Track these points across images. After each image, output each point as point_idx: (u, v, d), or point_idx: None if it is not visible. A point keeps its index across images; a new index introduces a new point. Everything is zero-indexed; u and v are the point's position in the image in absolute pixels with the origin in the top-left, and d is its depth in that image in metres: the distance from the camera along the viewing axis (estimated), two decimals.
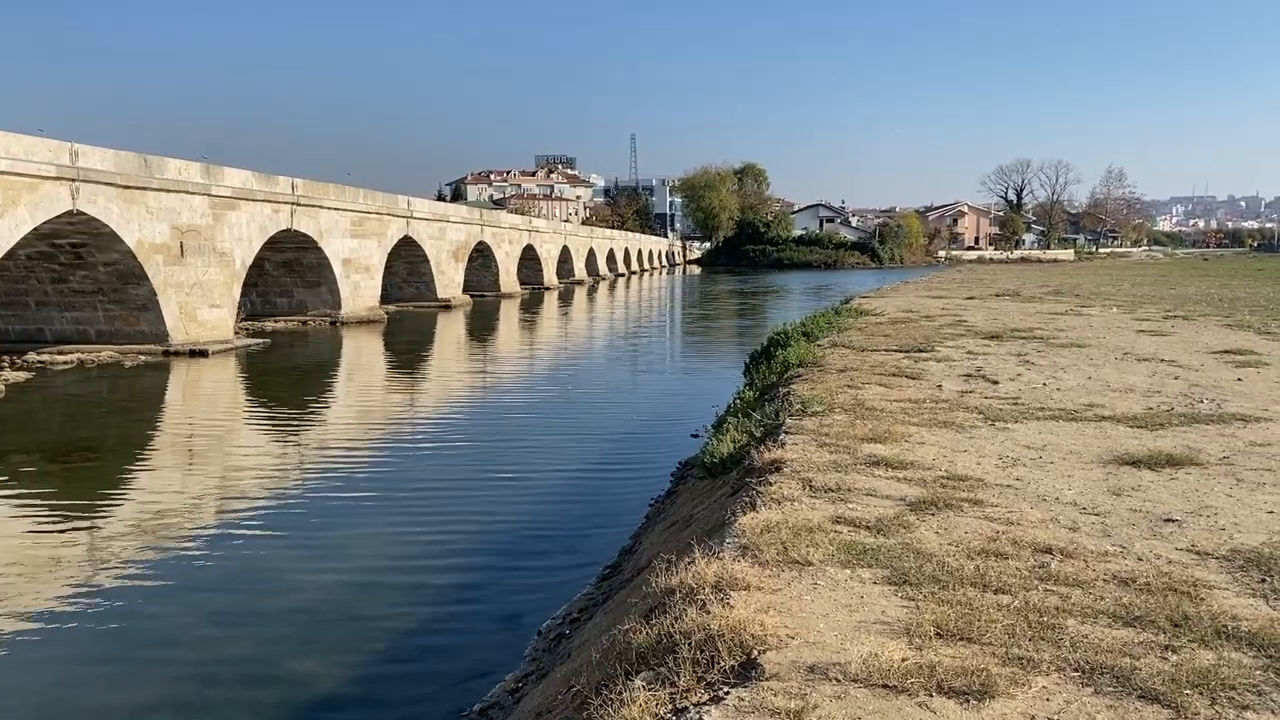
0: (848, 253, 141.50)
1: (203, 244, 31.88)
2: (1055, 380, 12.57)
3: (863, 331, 19.48)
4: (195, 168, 32.16)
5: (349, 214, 42.85)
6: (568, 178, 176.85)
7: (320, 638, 8.77)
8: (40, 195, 25.06)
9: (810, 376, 12.71)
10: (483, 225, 62.46)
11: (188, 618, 9.28)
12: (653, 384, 27.10)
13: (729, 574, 5.02)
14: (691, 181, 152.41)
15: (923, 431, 8.99)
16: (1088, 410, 10.29)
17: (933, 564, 5.33)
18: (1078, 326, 21.08)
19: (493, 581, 10.23)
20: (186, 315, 30.88)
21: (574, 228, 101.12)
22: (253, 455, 17.23)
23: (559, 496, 13.71)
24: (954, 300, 32.12)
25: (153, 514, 13.02)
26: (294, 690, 7.73)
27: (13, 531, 12.43)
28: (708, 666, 4.01)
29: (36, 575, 10.36)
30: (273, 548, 11.46)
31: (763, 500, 6.60)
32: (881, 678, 3.89)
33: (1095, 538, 5.96)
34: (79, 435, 19.07)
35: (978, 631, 4.39)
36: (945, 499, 6.62)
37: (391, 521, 12.39)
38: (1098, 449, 8.43)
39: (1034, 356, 15.23)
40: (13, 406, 21.24)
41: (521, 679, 7.12)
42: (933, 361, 14.44)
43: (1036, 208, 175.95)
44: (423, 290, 52.89)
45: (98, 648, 8.59)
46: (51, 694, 7.70)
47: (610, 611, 6.95)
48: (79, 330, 30.00)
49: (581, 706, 4.18)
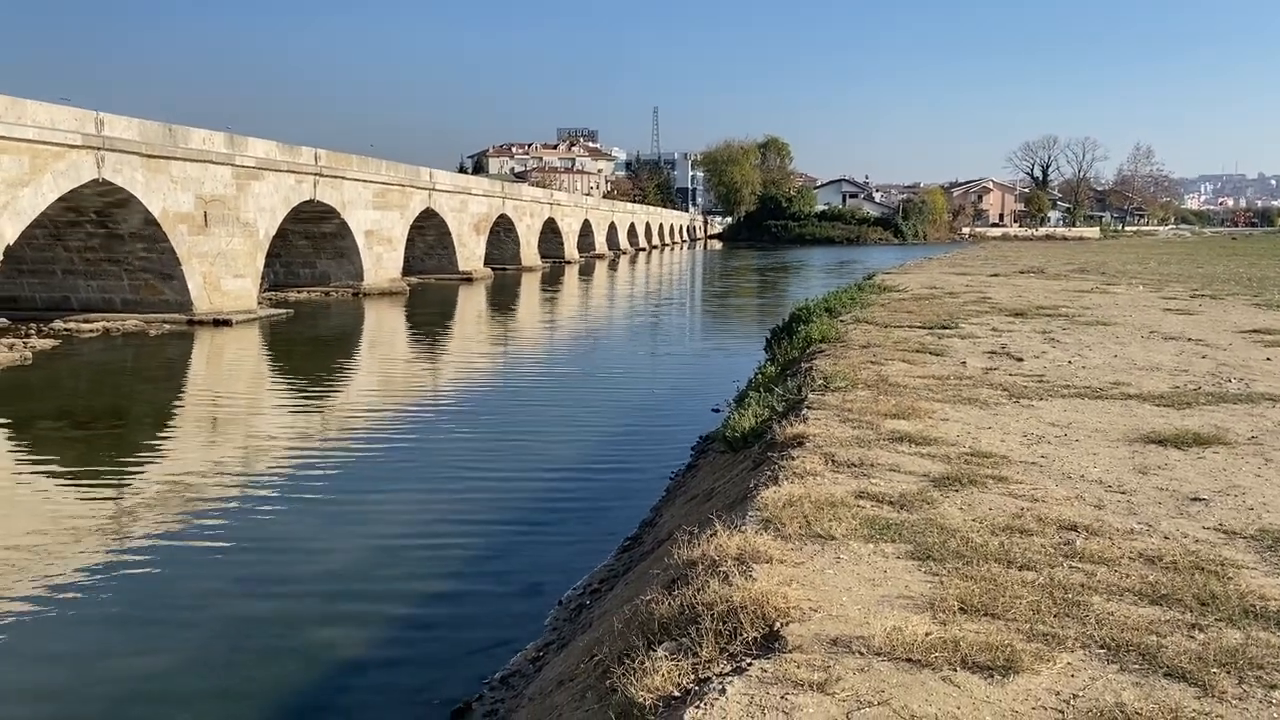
0: (870, 229, 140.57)
1: (226, 214, 31.99)
2: (1081, 358, 12.47)
3: (886, 308, 19.38)
4: (219, 138, 32.23)
5: (372, 186, 42.88)
6: (589, 151, 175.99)
7: (344, 604, 8.85)
8: (66, 164, 25.18)
9: (833, 352, 12.66)
10: (504, 198, 62.38)
11: (213, 583, 9.37)
12: (672, 358, 27.07)
13: (751, 547, 5.02)
14: (714, 155, 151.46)
15: (946, 408, 8.95)
16: (1114, 388, 10.21)
17: (956, 540, 5.31)
18: (1104, 304, 20.89)
19: (513, 551, 10.27)
20: (210, 285, 31.04)
21: (595, 201, 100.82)
22: (276, 424, 17.35)
23: (579, 469, 13.74)
24: (978, 277, 31.88)
25: (177, 481, 13.14)
26: (318, 655, 7.81)
27: (39, 497, 12.58)
28: (730, 638, 4.02)
29: (63, 541, 10.49)
30: (296, 515, 11.54)
31: (785, 474, 6.59)
32: (905, 651, 3.88)
33: (1121, 516, 5.92)
34: (105, 402, 19.25)
35: (1002, 607, 4.38)
36: (969, 475, 6.59)
37: (413, 491, 12.45)
38: (1124, 427, 8.37)
39: (1059, 334, 15.11)
40: (40, 373, 21.45)
41: (543, 648, 7.16)
42: (957, 338, 14.36)
43: (1062, 185, 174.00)
44: (444, 263, 52.94)
45: (124, 613, 8.68)
46: (79, 658, 7.81)
47: (631, 582, 6.97)
48: (104, 299, 30.22)
49: (604, 675, 4.20)
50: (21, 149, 23.66)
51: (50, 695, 7.25)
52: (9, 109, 23.26)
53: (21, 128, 23.55)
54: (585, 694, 4.45)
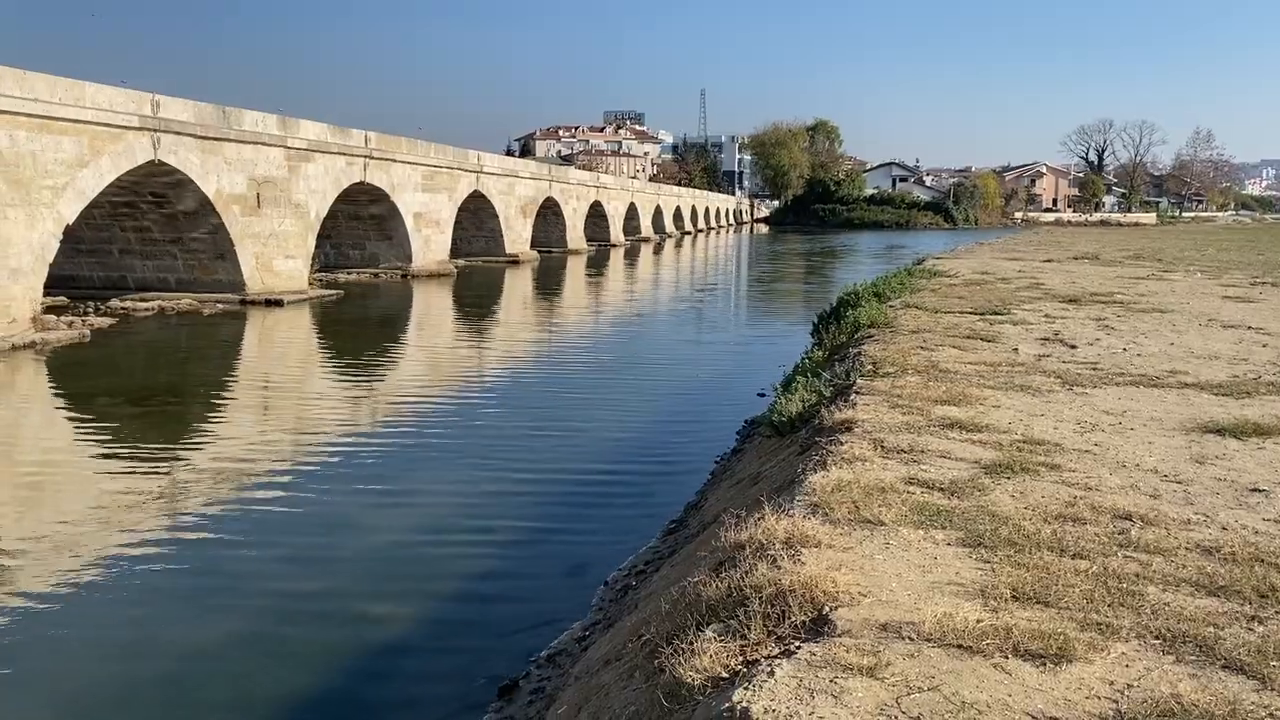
0: (920, 213, 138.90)
1: (278, 195, 32.40)
2: (1136, 346, 12.25)
3: (936, 293, 19.17)
4: (272, 120, 32.60)
5: (420, 168, 43.16)
6: (636, 134, 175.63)
7: (392, 582, 8.97)
8: (123, 145, 25.65)
9: (882, 337, 12.55)
10: (551, 181, 62.50)
11: (264, 558, 9.55)
12: (718, 342, 27.01)
13: (799, 531, 5.00)
14: (761, 139, 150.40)
15: (998, 395, 8.84)
16: (1170, 376, 10.02)
17: (1008, 527, 5.25)
18: (1160, 291, 20.49)
19: (558, 532, 10.33)
20: (262, 265, 31.49)
21: (641, 184, 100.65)
22: (326, 403, 17.59)
23: (624, 451, 13.78)
24: (1031, 263, 31.41)
25: (229, 458, 13.38)
26: (367, 631, 7.93)
27: (96, 472, 12.88)
28: (778, 621, 4.01)
29: (119, 514, 10.74)
30: (345, 493, 11.70)
31: (833, 459, 6.55)
32: (956, 638, 3.85)
33: (1178, 505, 5.82)
34: (160, 380, 19.64)
35: (1055, 596, 4.32)
36: (1021, 463, 6.51)
37: (460, 471, 12.56)
38: (1180, 416, 8.21)
39: (1114, 321, 14.85)
40: (97, 351, 21.92)
41: (589, 627, 7.20)
42: (1008, 324, 14.17)
43: (1118, 169, 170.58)
44: (491, 245, 53.21)
45: (177, 586, 8.87)
46: (133, 630, 7.99)
47: (678, 564, 6.99)
48: (160, 278, 30.79)
49: (652, 655, 4.21)
50: (80, 131, 24.13)
51: (106, 665, 7.43)
52: (68, 91, 23.71)
53: (80, 109, 24.01)
54: (633, 673, 4.47)
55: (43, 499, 11.61)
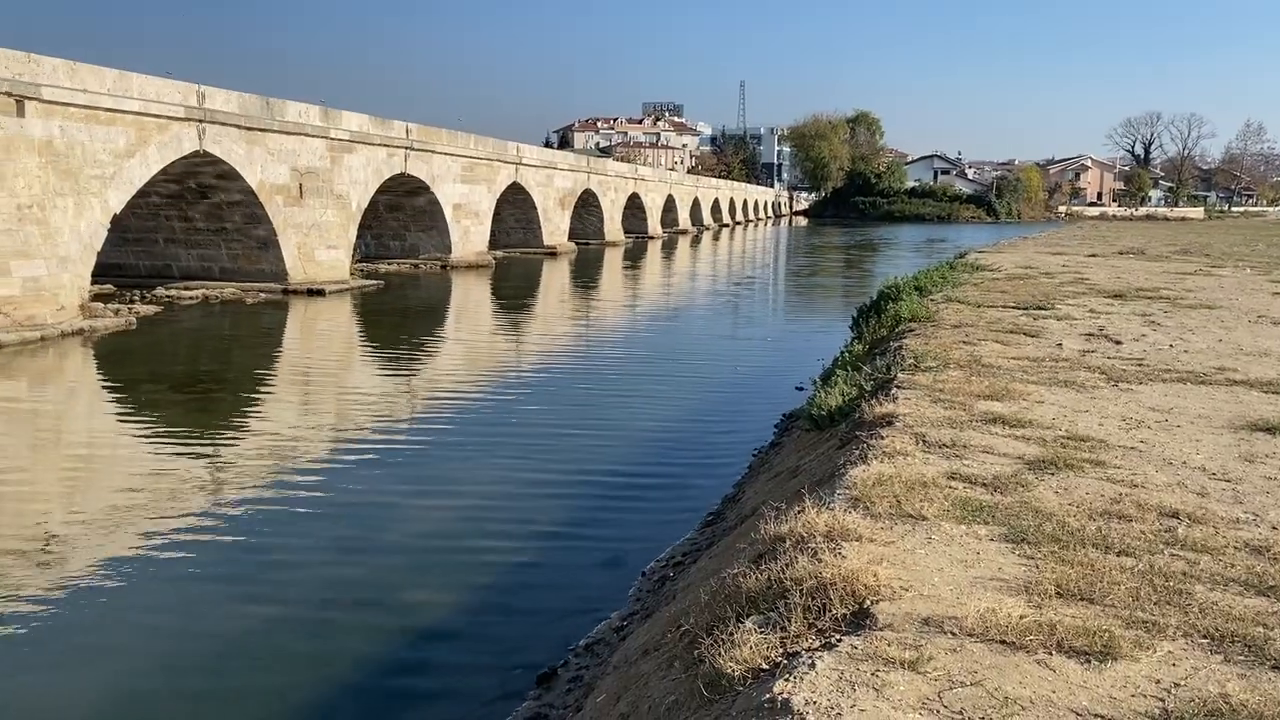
0: (962, 206, 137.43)
1: (320, 186, 32.72)
2: (1183, 342, 12.05)
3: (978, 287, 18.96)
4: (314, 111, 32.91)
5: (460, 159, 43.38)
6: (674, 125, 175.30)
7: (431, 569, 9.05)
8: (169, 135, 26.02)
9: (923, 331, 12.45)
10: (589, 173, 62.56)
11: (304, 544, 9.67)
12: (755, 336, 26.93)
13: (840, 524, 4.98)
14: (801, 130, 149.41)
15: (1042, 390, 8.74)
16: (1218, 374, 9.85)
17: (1052, 523, 5.20)
18: (1208, 287, 20.13)
19: (596, 523, 10.37)
20: (304, 255, 31.83)
21: (679, 176, 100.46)
22: (366, 393, 17.77)
23: (661, 443, 13.78)
24: (1075, 257, 30.97)
25: (271, 444, 13.56)
26: (406, 617, 8.01)
27: (141, 457, 13.11)
28: (819, 613, 4.00)
29: (164, 498, 10.92)
30: (385, 481, 11.82)
31: (874, 453, 6.51)
32: (999, 633, 3.82)
33: (1226, 504, 5.73)
34: (203, 367, 19.94)
35: (1100, 593, 4.27)
36: (1065, 459, 6.43)
37: (497, 461, 12.64)
38: (1229, 413, 8.07)
39: (1160, 317, 14.62)
40: (143, 338, 22.29)
41: (626, 617, 7.23)
42: (1052, 319, 13.99)
43: (1165, 163, 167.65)
44: (529, 237, 53.40)
45: (220, 569, 9.01)
46: (177, 612, 8.13)
47: (716, 556, 6.99)
48: (204, 267, 31.24)
49: (692, 645, 4.22)
50: (128, 121, 24.52)
51: (153, 644, 7.57)
52: (116, 82, 24.09)
53: (128, 100, 24.39)
54: (672, 663, 4.48)
55: (90, 482, 11.84)
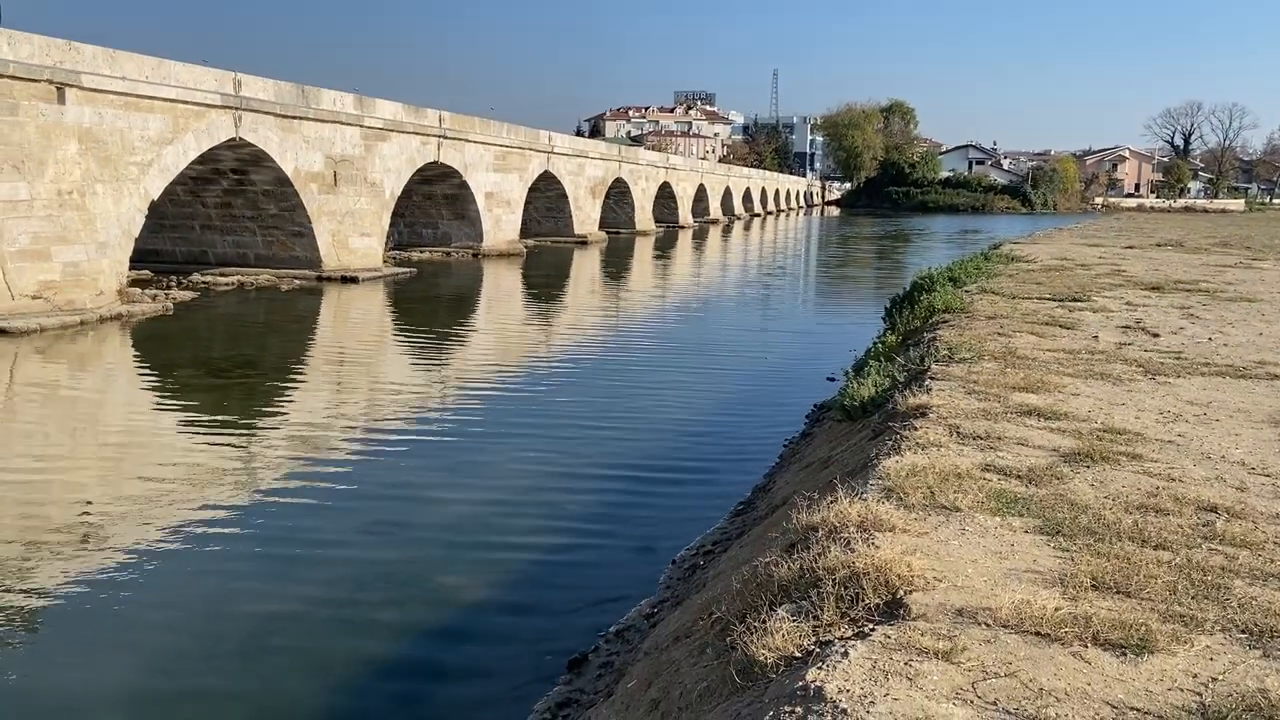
0: (997, 197, 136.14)
1: (354, 174, 32.93)
2: (1222, 335, 11.90)
3: (1013, 279, 18.79)
4: (349, 99, 33.09)
5: (492, 148, 43.49)
6: (706, 114, 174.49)
7: (463, 554, 9.12)
8: (206, 123, 26.28)
9: (957, 323, 12.37)
10: (620, 162, 62.50)
11: (337, 527, 9.76)
12: (786, 326, 26.85)
13: (873, 515, 4.97)
14: (834, 120, 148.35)
15: (1077, 383, 8.66)
16: (1258, 367, 9.72)
17: (1088, 516, 5.16)
18: (1248, 280, 19.83)
19: (626, 510, 10.40)
20: (338, 243, 32.06)
21: (711, 166, 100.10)
22: (398, 379, 17.90)
23: (691, 432, 13.79)
24: (1112, 249, 30.60)
25: (305, 429, 13.70)
26: (438, 602, 8.08)
27: (178, 442, 13.29)
28: (852, 603, 4.00)
29: (200, 481, 11.07)
30: (417, 467, 11.92)
31: (908, 444, 6.49)
32: (1033, 625, 3.80)
33: (1266, 499, 5.66)
34: (239, 353, 20.16)
35: (1136, 586, 4.24)
36: (1101, 452, 6.38)
37: (528, 447, 12.70)
38: (1269, 408, 7.96)
39: (1199, 310, 14.43)
40: (179, 324, 22.57)
41: (656, 605, 7.25)
42: (1088, 312, 13.85)
43: (1205, 154, 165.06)
44: (560, 226, 53.46)
45: (255, 552, 9.13)
46: (212, 594, 8.24)
47: (747, 545, 6.99)
48: (239, 254, 31.54)
49: (724, 632, 4.23)
50: (165, 108, 24.77)
51: (189, 624, 7.68)
52: (155, 70, 24.35)
53: (166, 88, 24.65)
54: (704, 650, 4.50)
55: (127, 465, 12.02)
